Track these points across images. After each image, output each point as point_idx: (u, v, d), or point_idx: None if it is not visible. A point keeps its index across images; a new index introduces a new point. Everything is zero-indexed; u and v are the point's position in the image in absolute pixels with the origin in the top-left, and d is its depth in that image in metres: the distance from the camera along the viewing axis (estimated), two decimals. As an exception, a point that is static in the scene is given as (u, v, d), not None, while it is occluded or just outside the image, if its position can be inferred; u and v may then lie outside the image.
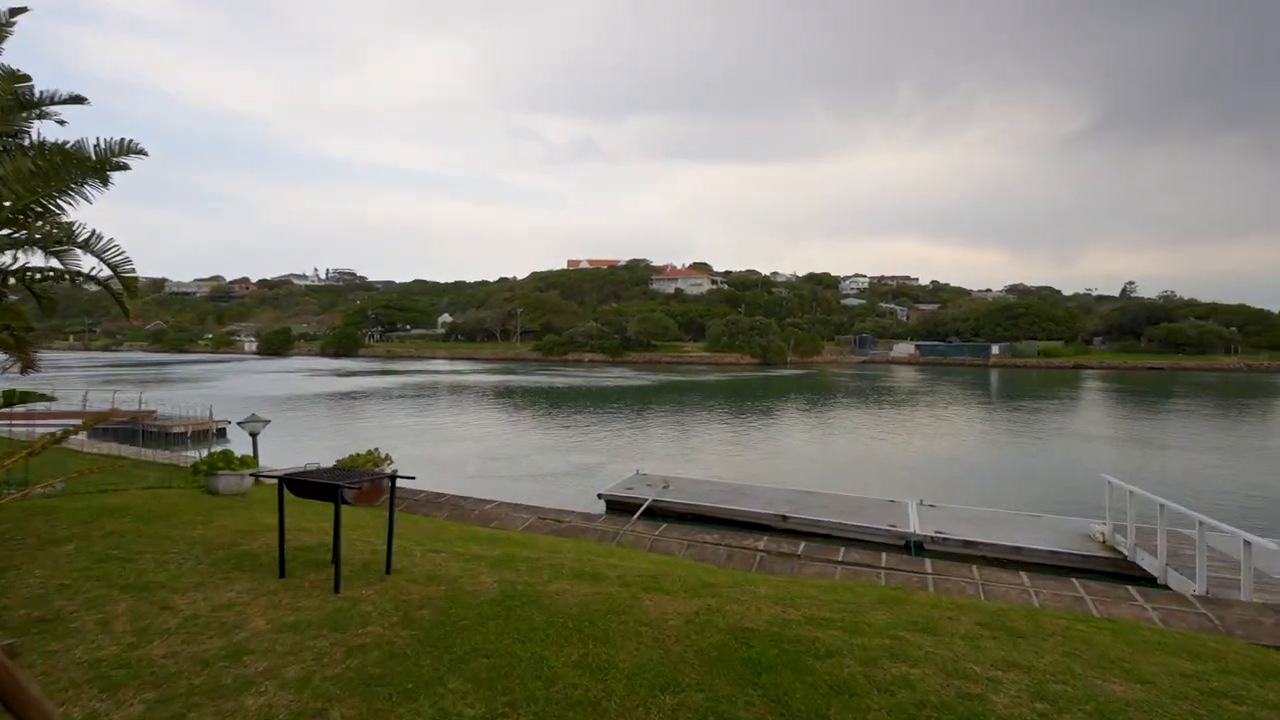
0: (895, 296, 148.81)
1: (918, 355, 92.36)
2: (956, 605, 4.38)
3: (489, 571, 4.44)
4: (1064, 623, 4.16)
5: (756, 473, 15.58)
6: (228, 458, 7.28)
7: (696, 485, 12.90)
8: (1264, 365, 79.36)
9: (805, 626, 3.63)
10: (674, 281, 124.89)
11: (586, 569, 4.75)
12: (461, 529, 6.37)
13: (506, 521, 7.04)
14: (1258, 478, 15.86)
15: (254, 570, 4.27)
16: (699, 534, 6.45)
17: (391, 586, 3.98)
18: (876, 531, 10.11)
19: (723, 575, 4.91)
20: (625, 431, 22.16)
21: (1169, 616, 4.61)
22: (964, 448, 20.49)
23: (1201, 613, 4.67)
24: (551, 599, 3.82)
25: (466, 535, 6.04)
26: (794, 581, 4.87)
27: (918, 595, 4.60)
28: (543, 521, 7.00)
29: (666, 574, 4.74)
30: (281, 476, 4.04)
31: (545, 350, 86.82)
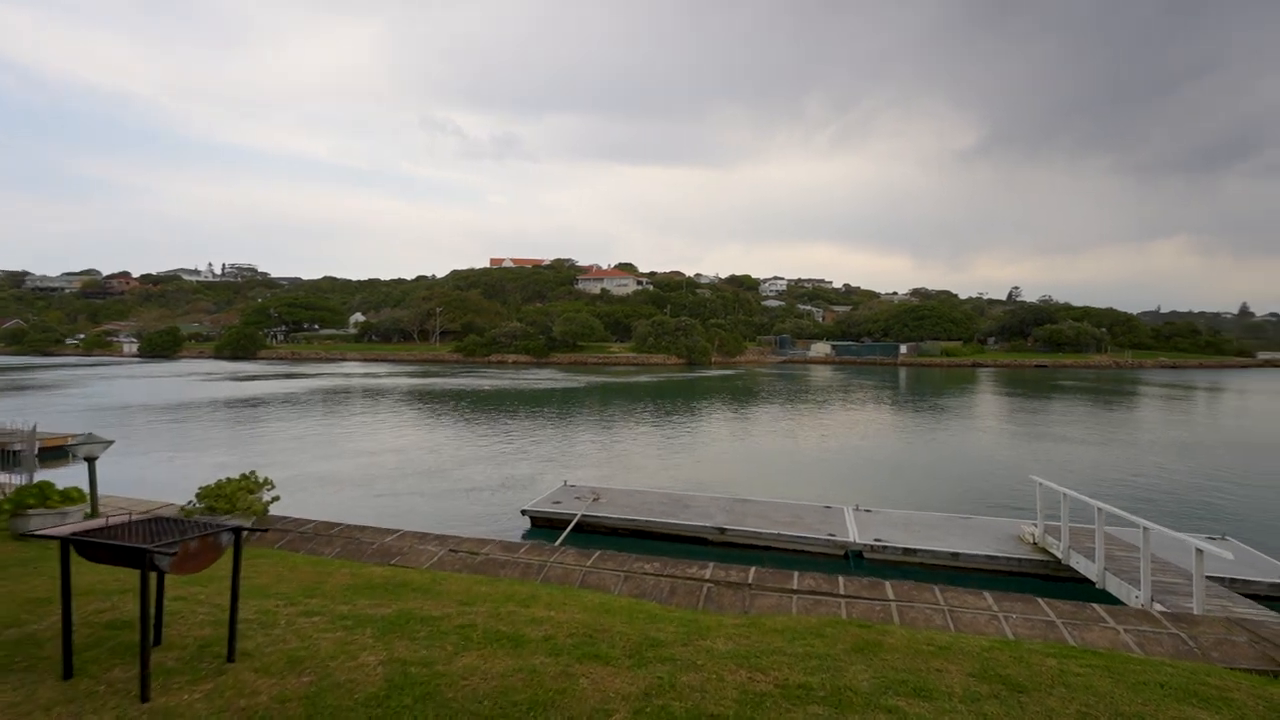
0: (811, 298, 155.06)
1: (833, 355, 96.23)
2: (937, 647, 3.82)
3: (375, 644, 3.44)
4: (1054, 662, 3.68)
5: (690, 478, 15.01)
6: (44, 491, 5.70)
7: (628, 496, 12.13)
8: (1129, 362, 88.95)
9: (782, 702, 2.91)
10: (600, 281, 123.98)
11: (505, 627, 3.84)
12: (353, 572, 5.25)
13: (411, 557, 5.96)
14: (1150, 468, 16.95)
15: (29, 667, 3.05)
16: (636, 563, 5.65)
17: (231, 684, 2.91)
18: (816, 542, 9.75)
19: (669, 622, 4.13)
20: (552, 438, 21.09)
21: (1144, 640, 4.28)
22: (887, 447, 20.90)
23: (1173, 633, 4.38)
24: (455, 688, 2.89)
25: (357, 582, 4.94)
26: (751, 625, 4.16)
27: (890, 635, 4.02)
28: (455, 556, 5.96)
29: (604, 628, 3.91)
30: (67, 536, 2.87)
31: (467, 351, 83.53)
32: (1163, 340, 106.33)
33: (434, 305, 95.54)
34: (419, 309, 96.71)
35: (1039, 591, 8.54)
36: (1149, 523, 6.43)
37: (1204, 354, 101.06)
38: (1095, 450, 20.00)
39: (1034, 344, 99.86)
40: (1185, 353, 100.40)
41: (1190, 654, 4.15)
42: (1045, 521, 9.17)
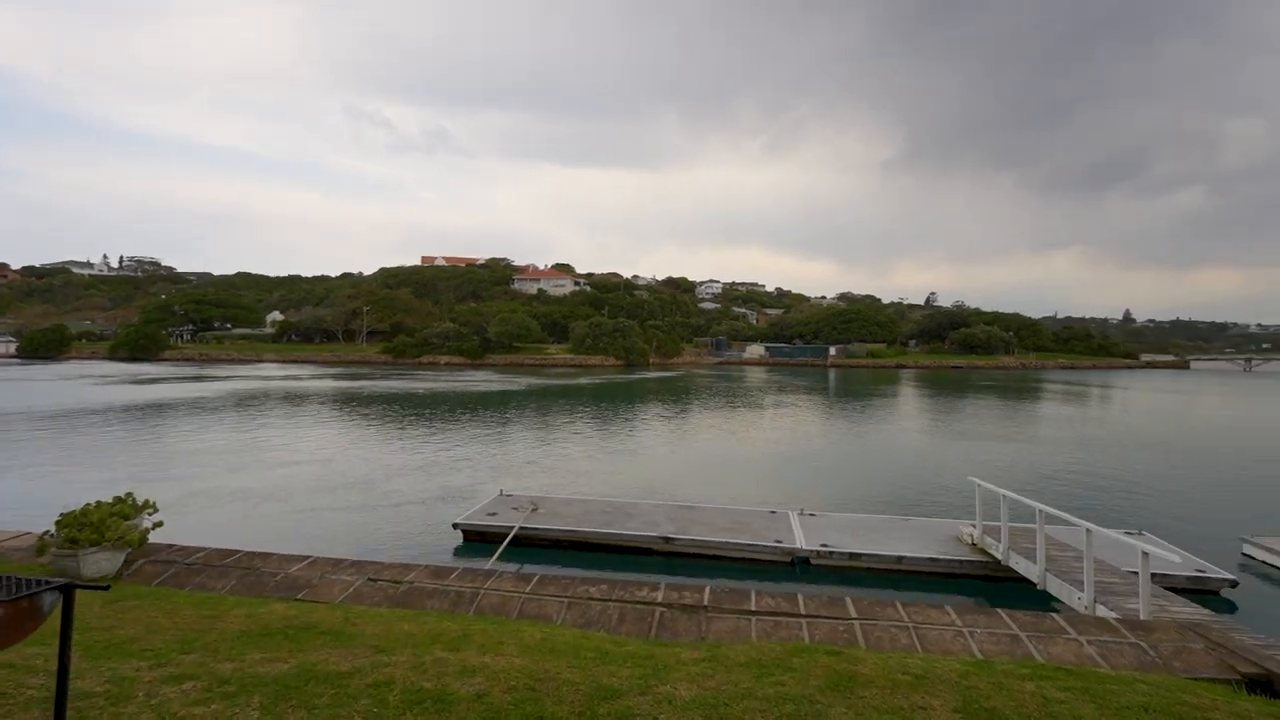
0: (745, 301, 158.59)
1: (767, 356, 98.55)
2: (914, 676, 3.52)
3: None
4: (1032, 686, 3.46)
5: (633, 484, 14.57)
6: None
7: (568, 505, 11.55)
8: (1033, 364, 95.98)
9: (760, 768, 2.48)
10: (536, 282, 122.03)
11: (429, 683, 3.24)
12: (248, 613, 4.46)
13: (321, 590, 5.19)
14: (1062, 466, 17.90)
15: None
16: (581, 586, 5.13)
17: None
18: (763, 549, 9.53)
19: (622, 662, 3.64)
20: (488, 444, 20.14)
21: (1107, 652, 4.17)
22: (824, 448, 21.22)
23: (1133, 643, 4.30)
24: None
25: (252, 627, 4.18)
26: (713, 659, 3.74)
27: (862, 663, 3.69)
28: (374, 586, 5.24)
29: (549, 675, 3.38)
30: None
31: (396, 352, 80.00)
32: (1061, 343, 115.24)
33: (361, 304, 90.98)
34: (344, 307, 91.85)
35: (981, 593, 8.64)
36: (1090, 524, 6.50)
37: (1096, 356, 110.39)
38: (1014, 448, 21.01)
39: (950, 347, 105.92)
40: (1080, 355, 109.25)
41: (1153, 665, 4.06)
42: (983, 522, 9.29)
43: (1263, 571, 9.37)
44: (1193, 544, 9.55)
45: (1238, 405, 40.66)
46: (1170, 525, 11.30)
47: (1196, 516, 12.56)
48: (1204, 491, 15.10)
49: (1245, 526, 11.20)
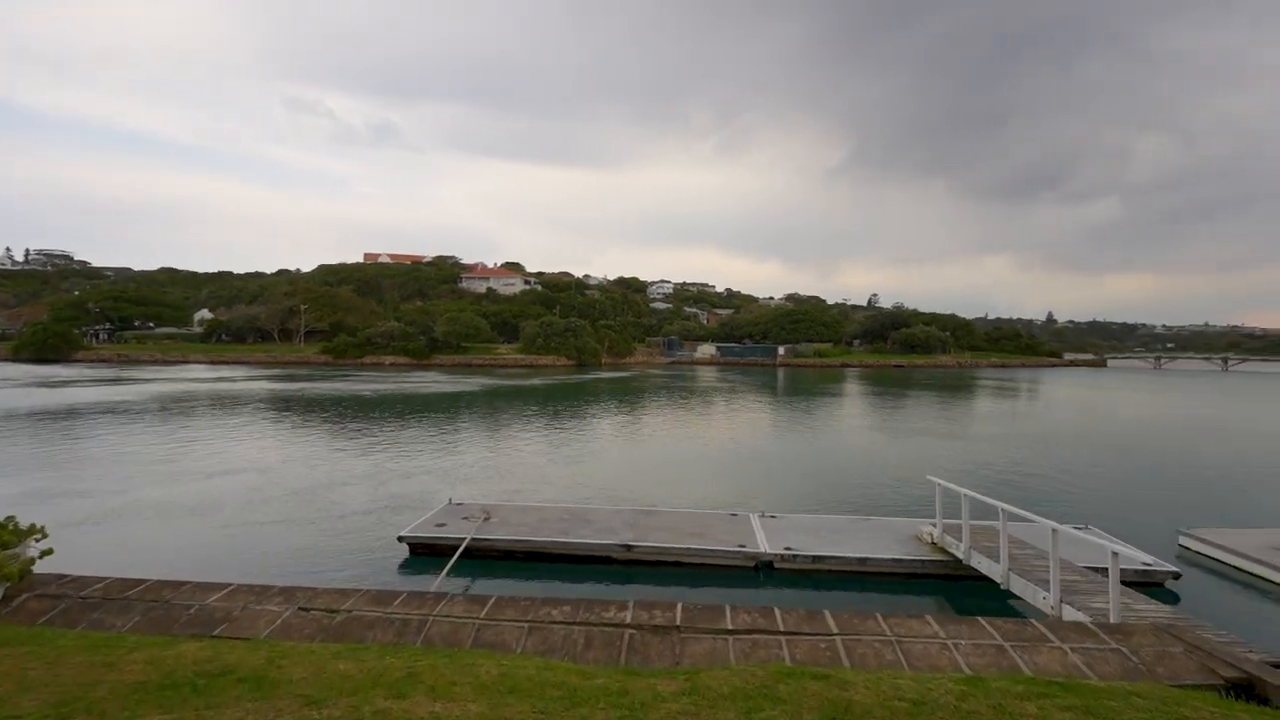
0: (696, 301, 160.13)
1: (718, 356, 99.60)
2: (910, 702, 3.27)
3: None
4: (1034, 708, 3.26)
5: (590, 488, 14.10)
6: None
7: (523, 513, 11.01)
8: (969, 362, 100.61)
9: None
10: (485, 281, 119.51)
11: (369, 742, 2.75)
12: (151, 657, 3.81)
13: (243, 624, 4.55)
14: (1004, 461, 18.49)
15: None
16: (543, 608, 4.69)
17: None
18: (727, 554, 9.28)
19: (592, 700, 3.24)
20: (436, 449, 19.26)
21: (1092, 660, 4.05)
22: (779, 448, 21.30)
23: (1115, 649, 4.21)
24: None
25: (153, 676, 3.54)
26: (693, 690, 3.38)
27: (853, 688, 3.41)
28: (305, 617, 4.64)
29: (510, 724, 2.94)
30: None
31: (337, 353, 76.62)
32: (993, 343, 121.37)
33: (298, 301, 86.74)
34: (280, 305, 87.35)
35: (943, 592, 8.64)
36: (1056, 523, 6.50)
37: (1024, 355, 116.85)
38: (957, 445, 21.64)
39: (892, 346, 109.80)
40: (1010, 354, 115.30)
41: (1139, 673, 3.96)
42: (944, 521, 9.31)
43: (1199, 562, 9.76)
44: (1131, 537, 9.83)
45: (1156, 401, 43.50)
46: (1109, 519, 11.67)
47: (1133, 510, 13.09)
48: (1137, 485, 15.83)
49: (1179, 519, 11.71)
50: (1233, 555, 9.63)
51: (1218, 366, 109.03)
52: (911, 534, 10.02)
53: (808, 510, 12.19)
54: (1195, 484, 15.85)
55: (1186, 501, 13.85)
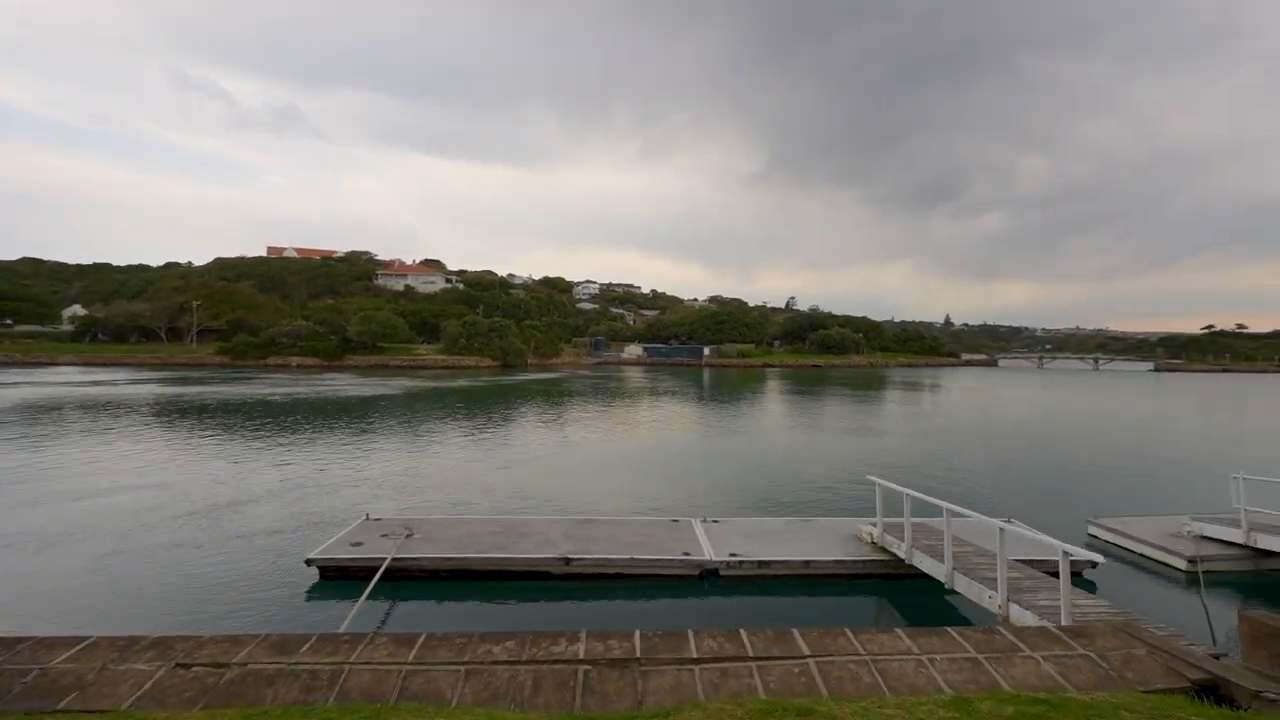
0: (622, 302, 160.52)
1: (645, 357, 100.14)
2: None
3: None
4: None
5: (522, 497, 13.37)
6: None
7: (450, 527, 10.18)
8: (880, 363, 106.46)
9: None
10: (403, 278, 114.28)
11: None
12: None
13: (99, 691, 3.65)
14: (922, 457, 19.31)
15: None
16: (482, 645, 4.12)
17: None
18: (671, 563, 8.90)
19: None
20: (350, 458, 17.80)
21: (1065, 669, 3.96)
22: (713, 448, 21.28)
23: (1083, 654, 4.16)
24: None
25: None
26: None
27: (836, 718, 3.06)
28: (183, 676, 3.80)
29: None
30: None
31: (236, 354, 70.69)
32: (901, 344, 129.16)
33: (190, 298, 79.33)
34: (169, 301, 79.54)
35: (885, 593, 8.66)
36: (1003, 523, 6.55)
37: (928, 355, 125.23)
38: (880, 443, 22.47)
39: (810, 347, 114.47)
40: (916, 354, 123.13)
41: (1112, 680, 3.89)
42: (884, 521, 9.36)
43: (1108, 550, 10.35)
44: (1044, 527, 10.28)
45: (1046, 397, 47.43)
46: (1024, 511, 12.25)
47: (1043, 501, 13.87)
48: (1044, 477, 16.89)
49: (1086, 509, 12.49)
50: (1136, 542, 10.30)
51: (1089, 365, 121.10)
52: (851, 534, 10.05)
53: (748, 513, 12.06)
54: (1096, 475, 17.10)
55: (1090, 492, 14.85)
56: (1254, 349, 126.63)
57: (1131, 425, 29.29)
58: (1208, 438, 25.55)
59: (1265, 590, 8.92)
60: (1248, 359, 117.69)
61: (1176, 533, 10.34)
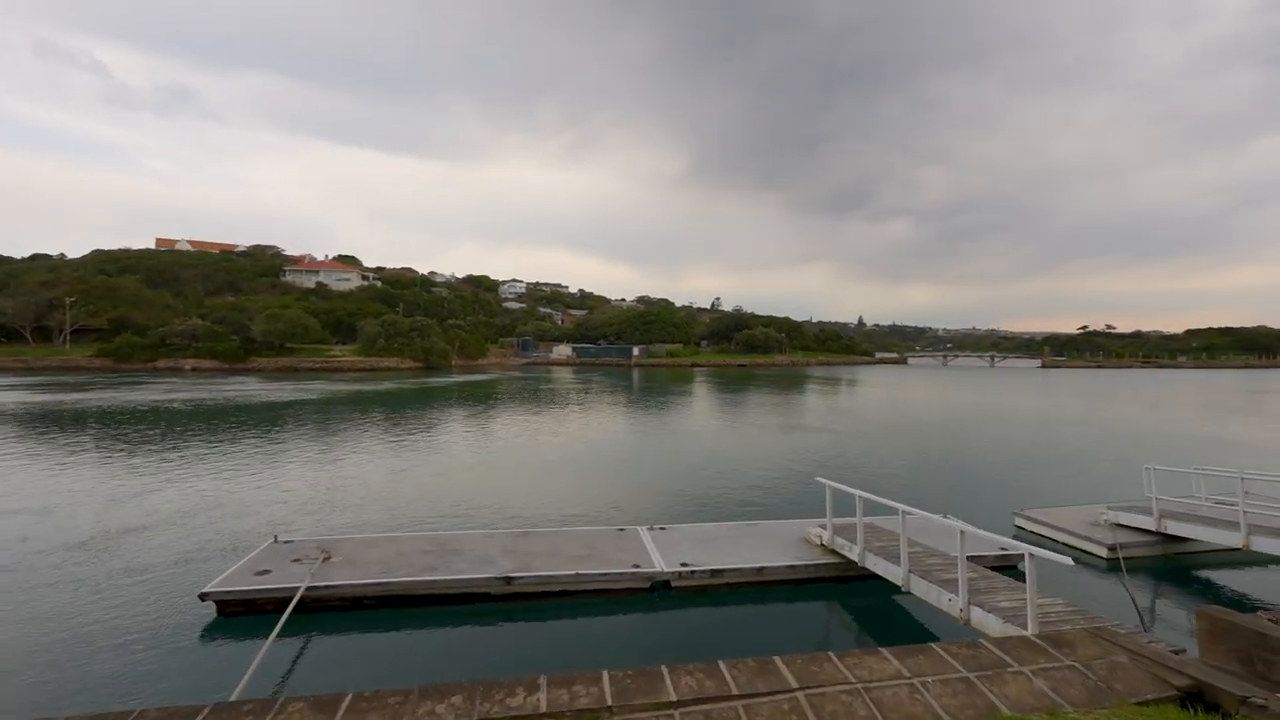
0: (550, 302, 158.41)
1: (575, 357, 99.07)
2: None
3: None
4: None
5: (454, 508, 12.43)
6: None
7: (374, 547, 9.21)
8: (802, 361, 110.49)
9: None
10: (315, 274, 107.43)
11: None
12: None
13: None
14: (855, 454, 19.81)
15: None
16: (423, 703, 3.48)
17: None
18: (621, 577, 8.40)
19: None
20: (256, 472, 16.12)
21: (1056, 684, 3.81)
22: (650, 449, 20.93)
23: (1070, 665, 4.04)
24: None
25: None
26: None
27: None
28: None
29: None
30: None
31: (120, 356, 63.86)
32: (821, 343, 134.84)
33: (62, 293, 70.83)
34: (36, 297, 70.61)
35: (838, 596, 8.53)
36: (964, 525, 6.50)
37: (845, 354, 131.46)
38: (813, 439, 22.91)
39: (736, 346, 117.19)
40: (834, 353, 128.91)
41: (1103, 692, 3.77)
42: (834, 522, 9.27)
43: (1034, 541, 10.76)
44: (974, 520, 10.58)
45: (955, 393, 50.48)
46: (952, 504, 12.64)
47: (969, 494, 14.41)
48: (968, 470, 17.65)
49: (1009, 500, 13.04)
50: (1060, 532, 10.78)
51: (987, 363, 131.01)
52: (800, 537, 9.93)
53: (695, 518, 11.76)
54: (1015, 467, 18.07)
55: (1012, 484, 15.61)
56: (1121, 347, 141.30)
57: (1039, 419, 31.54)
58: (1109, 429, 27.83)
59: (1176, 574, 9.51)
60: (1116, 356, 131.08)
61: (1095, 521, 10.91)
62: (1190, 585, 9.05)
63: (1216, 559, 9.93)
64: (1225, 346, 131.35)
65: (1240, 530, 8.81)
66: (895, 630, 7.48)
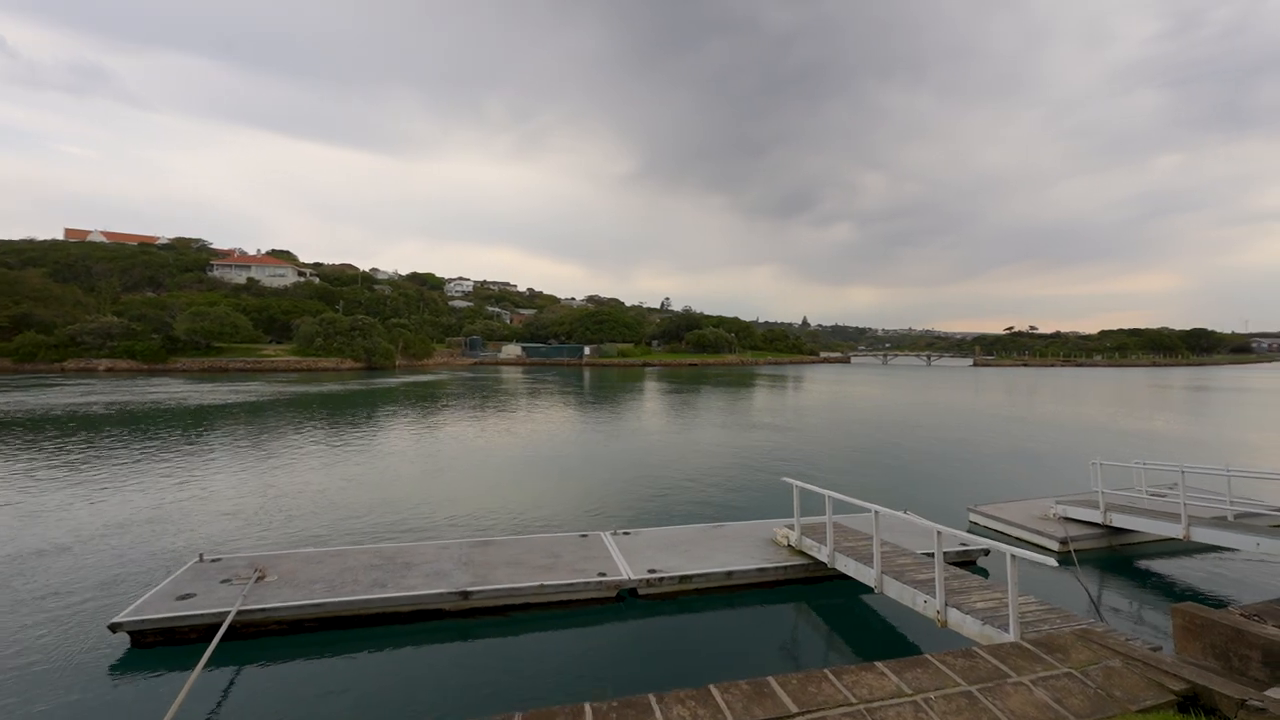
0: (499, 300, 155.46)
1: (524, 356, 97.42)
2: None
3: None
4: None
5: (404, 516, 11.70)
6: None
7: (314, 564, 8.49)
8: (751, 360, 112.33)
9: None
10: (246, 269, 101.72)
11: None
12: None
13: None
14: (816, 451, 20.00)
15: None
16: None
17: None
18: (587, 586, 8.01)
19: None
20: (182, 483, 14.85)
21: (1059, 694, 3.71)
22: (607, 450, 20.51)
23: (1067, 672, 3.96)
24: None
25: None
26: None
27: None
28: None
29: None
30: None
31: (21, 356, 58.54)
32: (769, 343, 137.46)
33: (-49, 288, 64.28)
34: (-81, 293, 63.84)
35: (806, 598, 8.39)
36: (942, 526, 6.43)
37: (793, 353, 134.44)
38: (770, 437, 23.03)
39: (687, 346, 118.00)
40: (782, 352, 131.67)
41: (1103, 700, 3.66)
42: (802, 523, 9.15)
43: (988, 535, 11.00)
44: (930, 517, 10.74)
45: (899, 390, 52.19)
46: (909, 499, 12.83)
47: (925, 490, 14.68)
48: (922, 466, 18.04)
49: (963, 495, 13.34)
50: (1012, 527, 11.04)
51: (923, 361, 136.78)
52: (766, 538, 9.77)
53: (658, 521, 11.46)
54: (965, 463, 18.59)
55: (964, 479, 16.01)
56: (1043, 346, 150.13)
57: (982, 415, 32.85)
58: (1049, 424, 29.20)
59: (1121, 565, 9.86)
60: (1039, 355, 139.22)
61: (1045, 515, 11.24)
62: (1137, 577, 9.37)
63: (1158, 549, 10.38)
64: (1134, 346, 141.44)
65: (1181, 522, 9.19)
66: (871, 634, 7.38)
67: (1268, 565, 9.67)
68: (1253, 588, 8.81)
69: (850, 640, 7.23)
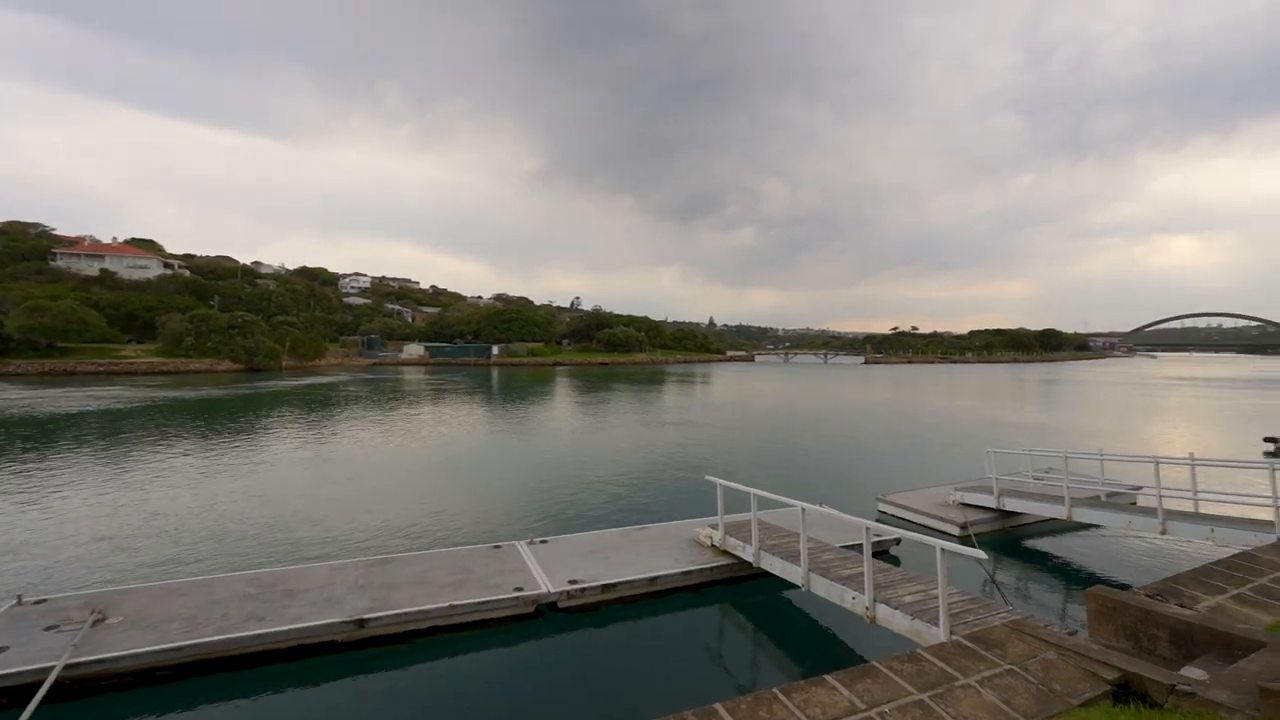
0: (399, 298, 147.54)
1: (428, 356, 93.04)
2: None
3: None
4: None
5: (286, 534, 10.38)
6: None
7: (172, 597, 7.23)
8: (661, 359, 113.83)
9: None
10: (99, 260, 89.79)
11: None
12: None
13: None
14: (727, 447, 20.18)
15: None
16: None
17: None
18: (502, 604, 7.35)
19: None
20: (5, 509, 12.48)
21: (1006, 694, 3.64)
22: (519, 454, 19.64)
23: (1009, 669, 3.92)
24: None
25: None
26: None
27: None
28: None
29: None
30: None
31: None
32: (678, 342, 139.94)
33: None
34: None
35: (731, 598, 8.20)
36: (905, 531, 6.41)
37: (700, 352, 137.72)
38: (682, 434, 23.06)
39: (598, 345, 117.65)
40: (691, 351, 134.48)
41: (1047, 697, 3.61)
42: (725, 520, 8.95)
43: (898, 524, 11.40)
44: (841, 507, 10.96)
45: (802, 387, 54.55)
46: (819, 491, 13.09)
47: (835, 481, 15.11)
48: (830, 459, 18.65)
49: (870, 485, 13.81)
50: (918, 514, 11.52)
51: (821, 359, 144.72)
52: (689, 539, 9.53)
53: (574, 526, 10.92)
54: (870, 453, 19.43)
55: (869, 469, 16.67)
56: (924, 345, 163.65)
57: (878, 409, 34.82)
58: (939, 415, 31.36)
59: (1013, 546, 10.50)
60: (921, 353, 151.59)
61: (946, 502, 11.81)
62: (1030, 558, 10.00)
63: (1045, 528, 11.18)
64: (999, 345, 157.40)
65: (1064, 504, 9.90)
66: (801, 634, 7.27)
67: (1138, 540, 10.65)
68: (1127, 563, 9.64)
69: (781, 643, 7.08)
